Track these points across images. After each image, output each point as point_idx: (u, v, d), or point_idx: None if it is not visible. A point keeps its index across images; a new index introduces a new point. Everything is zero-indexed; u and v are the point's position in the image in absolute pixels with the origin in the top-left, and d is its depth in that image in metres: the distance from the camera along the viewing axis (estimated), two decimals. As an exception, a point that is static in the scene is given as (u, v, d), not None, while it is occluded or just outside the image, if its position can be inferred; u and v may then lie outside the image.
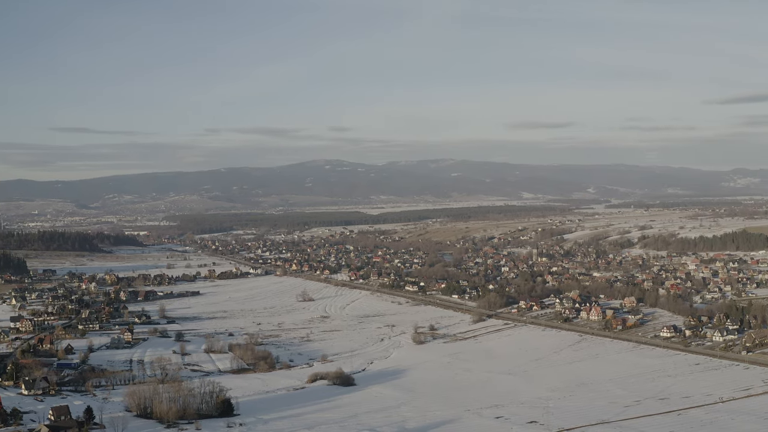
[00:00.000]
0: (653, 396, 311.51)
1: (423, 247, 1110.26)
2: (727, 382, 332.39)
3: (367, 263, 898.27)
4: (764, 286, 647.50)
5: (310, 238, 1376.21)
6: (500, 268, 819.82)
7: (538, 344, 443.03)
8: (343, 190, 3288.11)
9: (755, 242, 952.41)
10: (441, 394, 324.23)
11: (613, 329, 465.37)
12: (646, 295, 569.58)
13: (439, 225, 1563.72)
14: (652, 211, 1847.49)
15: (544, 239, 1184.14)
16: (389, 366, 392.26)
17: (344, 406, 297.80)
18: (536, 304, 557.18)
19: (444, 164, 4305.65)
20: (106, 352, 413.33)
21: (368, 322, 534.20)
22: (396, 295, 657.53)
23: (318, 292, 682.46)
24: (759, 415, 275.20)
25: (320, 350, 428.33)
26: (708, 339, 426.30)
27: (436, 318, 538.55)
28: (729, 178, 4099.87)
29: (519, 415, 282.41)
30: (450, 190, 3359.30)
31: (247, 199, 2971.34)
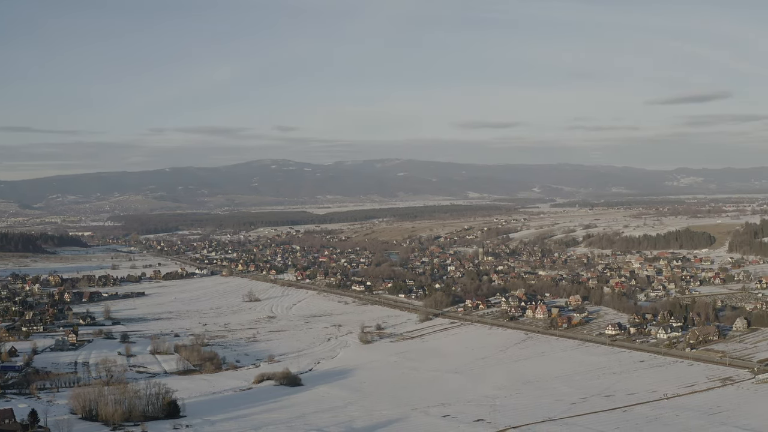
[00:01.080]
0: (599, 393, 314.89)
1: (369, 246, 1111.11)
2: (671, 379, 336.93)
3: (313, 263, 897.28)
4: (707, 283, 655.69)
5: (256, 238, 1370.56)
6: (446, 267, 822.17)
7: (484, 343, 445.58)
8: (289, 189, 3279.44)
9: (698, 240, 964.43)
10: (388, 393, 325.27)
11: (558, 327, 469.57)
12: (591, 294, 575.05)
13: (386, 224, 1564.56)
14: (597, 210, 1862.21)
15: (489, 238, 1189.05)
16: (336, 366, 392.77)
17: (291, 407, 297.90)
18: (482, 302, 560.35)
19: (390, 164, 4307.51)
20: (50, 354, 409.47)
21: (315, 322, 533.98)
22: (343, 295, 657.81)
23: (264, 293, 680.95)
24: (703, 411, 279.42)
25: (267, 350, 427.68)
26: (652, 336, 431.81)
27: (383, 317, 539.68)
28: (672, 177, 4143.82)
29: (466, 414, 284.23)
30: (396, 190, 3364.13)
31: (192, 199, 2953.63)
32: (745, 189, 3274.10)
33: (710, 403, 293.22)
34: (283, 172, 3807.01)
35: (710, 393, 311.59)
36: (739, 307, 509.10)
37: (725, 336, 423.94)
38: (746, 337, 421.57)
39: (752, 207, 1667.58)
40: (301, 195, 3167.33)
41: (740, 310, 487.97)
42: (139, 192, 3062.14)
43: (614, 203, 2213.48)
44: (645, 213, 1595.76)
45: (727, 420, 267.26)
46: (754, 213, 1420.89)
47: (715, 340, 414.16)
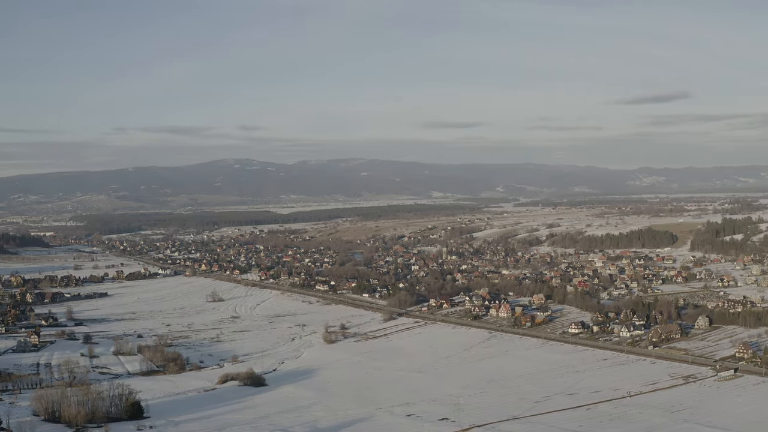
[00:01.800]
0: (562, 391, 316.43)
1: (333, 246, 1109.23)
2: (634, 377, 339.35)
3: (277, 263, 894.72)
4: (670, 282, 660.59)
5: (219, 237, 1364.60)
6: (410, 266, 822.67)
7: (448, 342, 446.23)
8: (252, 189, 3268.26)
9: (660, 239, 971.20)
10: (352, 393, 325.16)
11: (522, 326, 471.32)
12: (555, 292, 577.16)
13: (350, 224, 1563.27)
14: (560, 209, 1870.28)
15: (453, 237, 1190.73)
16: (300, 366, 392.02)
17: (255, 407, 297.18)
18: (446, 302, 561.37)
19: (354, 163, 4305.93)
20: (12, 356, 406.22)
21: (279, 322, 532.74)
22: (307, 295, 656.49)
23: (228, 293, 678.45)
24: (666, 409, 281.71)
25: (231, 351, 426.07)
26: (615, 334, 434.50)
27: (347, 317, 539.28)
28: (634, 176, 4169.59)
29: (430, 413, 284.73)
30: (360, 189, 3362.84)
31: (155, 198, 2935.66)
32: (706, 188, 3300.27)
33: (673, 400, 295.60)
34: (247, 171, 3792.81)
35: (673, 390, 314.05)
36: (701, 306, 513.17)
37: (687, 334, 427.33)
38: (708, 335, 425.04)
39: (714, 206, 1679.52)
40: (264, 195, 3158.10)
41: (702, 309, 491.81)
42: (101, 192, 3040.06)
43: (577, 203, 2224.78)
44: (608, 212, 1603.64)
45: (690, 417, 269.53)
46: (716, 212, 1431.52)
47: (677, 338, 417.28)
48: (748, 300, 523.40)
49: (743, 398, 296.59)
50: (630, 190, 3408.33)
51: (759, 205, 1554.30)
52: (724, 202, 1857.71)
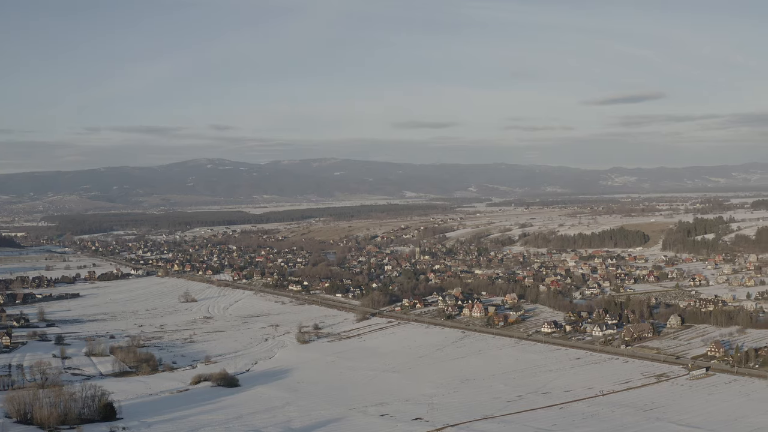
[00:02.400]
0: (535, 390, 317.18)
1: (306, 246, 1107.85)
2: (607, 376, 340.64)
3: (250, 263, 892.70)
4: (642, 281, 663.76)
5: (192, 238, 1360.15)
6: (383, 266, 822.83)
7: (421, 341, 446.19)
8: (225, 189, 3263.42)
9: (632, 239, 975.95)
10: (326, 393, 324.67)
11: (495, 325, 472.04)
12: (527, 292, 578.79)
13: (323, 224, 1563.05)
14: (533, 209, 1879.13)
15: (426, 237, 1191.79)
16: (274, 366, 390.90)
17: (229, 408, 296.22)
18: (419, 301, 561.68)
19: (327, 163, 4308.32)
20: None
21: (252, 323, 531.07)
22: (280, 295, 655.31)
23: (201, 293, 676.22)
24: (639, 407, 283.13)
25: (204, 351, 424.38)
26: (588, 334, 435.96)
27: (320, 317, 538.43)
28: (606, 176, 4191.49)
29: (404, 412, 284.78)
30: (333, 190, 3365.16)
31: (127, 198, 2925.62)
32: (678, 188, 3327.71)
33: (645, 399, 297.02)
34: (219, 171, 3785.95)
35: (645, 389, 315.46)
36: (673, 305, 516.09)
37: (660, 333, 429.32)
38: (680, 334, 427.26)
39: (685, 206, 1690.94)
40: (237, 195, 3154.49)
41: (674, 308, 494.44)
42: (73, 192, 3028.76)
43: (549, 202, 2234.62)
44: (580, 212, 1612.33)
45: (663, 416, 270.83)
46: (687, 212, 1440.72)
47: (649, 337, 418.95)
48: (720, 299, 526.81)
49: (715, 396, 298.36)
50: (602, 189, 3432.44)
51: (730, 205, 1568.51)
52: (695, 201, 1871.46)
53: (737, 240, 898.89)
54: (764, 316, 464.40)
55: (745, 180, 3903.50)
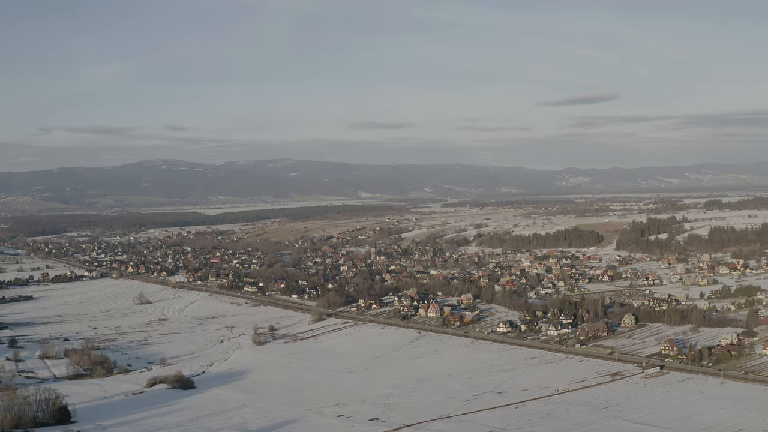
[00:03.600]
0: (491, 390, 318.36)
1: (262, 247, 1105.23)
2: (562, 375, 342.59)
3: (205, 264, 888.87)
4: (596, 281, 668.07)
5: (146, 239, 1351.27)
6: (339, 267, 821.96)
7: (377, 342, 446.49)
8: (180, 190, 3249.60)
9: (587, 239, 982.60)
10: (282, 394, 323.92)
11: (451, 326, 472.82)
12: (483, 292, 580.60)
13: (278, 225, 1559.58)
14: (488, 209, 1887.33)
15: (382, 238, 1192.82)
16: (230, 368, 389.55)
17: (184, 410, 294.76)
18: (375, 302, 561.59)
19: (282, 164, 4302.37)
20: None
21: (207, 324, 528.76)
22: (235, 296, 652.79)
23: (155, 295, 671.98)
24: (594, 406, 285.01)
25: (159, 353, 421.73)
26: (543, 333, 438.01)
27: (276, 318, 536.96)
28: (561, 177, 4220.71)
29: (361, 413, 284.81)
30: (289, 190, 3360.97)
31: (81, 200, 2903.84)
32: (632, 189, 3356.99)
33: (600, 397, 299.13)
34: (174, 172, 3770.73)
35: (600, 388, 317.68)
36: (627, 304, 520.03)
37: (614, 332, 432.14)
38: (634, 333, 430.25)
39: (639, 206, 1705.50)
40: (192, 196, 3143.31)
41: (628, 307, 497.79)
42: (26, 193, 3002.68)
43: (504, 203, 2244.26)
44: (535, 212, 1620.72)
45: (618, 414, 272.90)
46: (641, 212, 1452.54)
47: (604, 336, 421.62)
48: (673, 298, 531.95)
49: (669, 394, 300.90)
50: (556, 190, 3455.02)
51: (683, 205, 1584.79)
52: (649, 202, 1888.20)
53: (690, 240, 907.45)
54: (717, 314, 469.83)
55: (698, 180, 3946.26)
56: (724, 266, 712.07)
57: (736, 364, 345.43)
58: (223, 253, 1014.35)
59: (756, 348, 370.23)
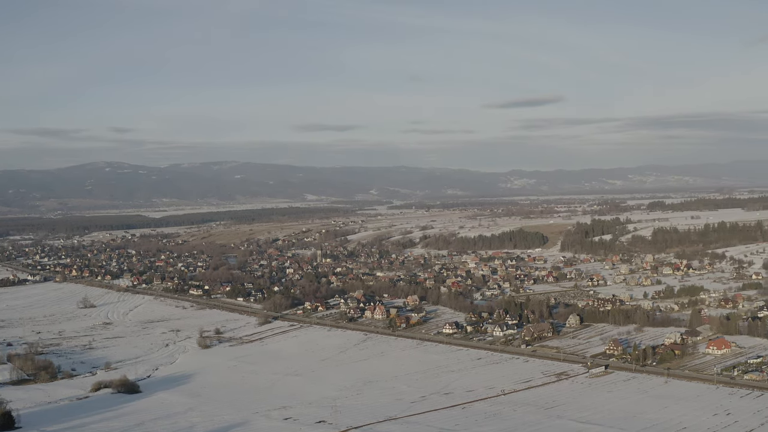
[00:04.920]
0: (438, 391, 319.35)
1: (207, 250, 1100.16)
2: (508, 375, 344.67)
3: (150, 267, 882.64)
4: (541, 282, 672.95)
5: (90, 242, 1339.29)
6: (285, 269, 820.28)
7: (324, 344, 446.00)
8: (124, 193, 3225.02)
9: (531, 240, 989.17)
10: (228, 397, 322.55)
11: (397, 327, 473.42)
12: (429, 294, 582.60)
13: (223, 227, 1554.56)
14: (433, 211, 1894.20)
15: (328, 240, 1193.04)
16: (175, 371, 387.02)
17: (130, 414, 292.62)
18: (321, 304, 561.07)
19: (227, 166, 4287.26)
20: None
21: (152, 328, 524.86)
22: (180, 300, 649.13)
23: (100, 298, 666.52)
24: (540, 406, 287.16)
25: (104, 358, 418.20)
26: (489, 334, 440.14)
27: (222, 321, 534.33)
28: (506, 179, 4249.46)
29: (307, 416, 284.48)
30: (234, 193, 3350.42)
31: (23, 203, 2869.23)
32: (576, 190, 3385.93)
33: (546, 397, 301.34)
34: (118, 174, 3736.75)
35: (546, 388, 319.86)
36: (572, 304, 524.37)
37: (559, 332, 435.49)
38: (579, 333, 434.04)
39: (583, 208, 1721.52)
40: (136, 198, 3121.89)
41: (573, 307, 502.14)
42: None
43: (450, 205, 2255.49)
44: (480, 214, 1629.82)
45: (563, 413, 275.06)
46: (585, 213, 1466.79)
47: (549, 336, 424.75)
48: (617, 298, 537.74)
49: (614, 394, 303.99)
50: (501, 192, 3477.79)
51: (627, 207, 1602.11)
52: (593, 203, 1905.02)
53: (634, 240, 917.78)
54: (661, 314, 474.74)
55: (641, 182, 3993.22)
56: (667, 267, 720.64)
57: (680, 363, 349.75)
58: (168, 256, 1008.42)
59: (699, 347, 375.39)
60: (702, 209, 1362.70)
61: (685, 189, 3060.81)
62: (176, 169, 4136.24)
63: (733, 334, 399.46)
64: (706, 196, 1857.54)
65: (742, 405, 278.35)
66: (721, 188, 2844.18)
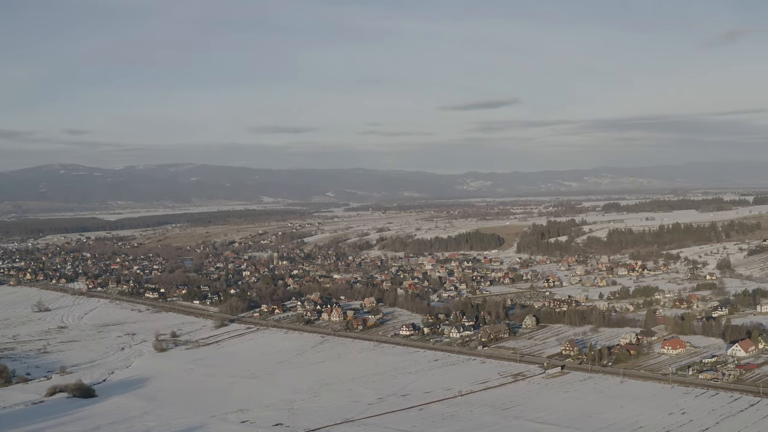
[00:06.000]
0: (395, 393, 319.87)
1: (163, 252, 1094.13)
2: (465, 376, 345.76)
3: (105, 271, 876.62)
4: (497, 283, 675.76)
5: (45, 245, 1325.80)
6: (242, 272, 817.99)
7: (281, 347, 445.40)
8: (79, 195, 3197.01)
9: (488, 242, 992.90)
10: (185, 401, 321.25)
11: (354, 329, 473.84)
12: (386, 295, 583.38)
13: (179, 230, 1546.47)
14: (390, 213, 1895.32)
15: (284, 243, 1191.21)
16: (131, 375, 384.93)
17: (85, 419, 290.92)
18: (278, 307, 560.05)
19: (183, 168, 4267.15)
20: None
21: (108, 332, 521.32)
22: (136, 303, 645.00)
23: (54, 302, 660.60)
24: (496, 407, 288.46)
25: (59, 362, 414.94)
26: (446, 335, 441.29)
27: (178, 324, 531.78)
28: (462, 181, 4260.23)
29: (264, 418, 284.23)
30: (190, 195, 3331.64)
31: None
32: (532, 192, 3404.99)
33: (503, 398, 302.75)
34: (73, 177, 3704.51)
35: (503, 389, 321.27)
36: (528, 305, 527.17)
37: (516, 333, 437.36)
38: (535, 334, 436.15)
39: (539, 209, 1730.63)
40: (91, 201, 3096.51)
41: (529, 308, 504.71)
42: None
43: (407, 207, 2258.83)
44: (436, 216, 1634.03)
45: (520, 414, 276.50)
46: (541, 215, 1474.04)
47: (506, 337, 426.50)
48: (573, 299, 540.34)
49: (570, 394, 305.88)
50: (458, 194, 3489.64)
51: (582, 208, 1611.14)
52: (549, 205, 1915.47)
53: (589, 242, 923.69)
54: (616, 315, 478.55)
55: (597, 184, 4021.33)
56: (622, 267, 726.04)
57: (636, 363, 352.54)
58: (124, 259, 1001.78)
59: (654, 347, 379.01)
60: (657, 211, 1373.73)
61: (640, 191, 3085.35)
62: (132, 171, 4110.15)
63: (688, 334, 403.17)
64: (660, 198, 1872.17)
65: (697, 404, 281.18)
66: (675, 190, 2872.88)
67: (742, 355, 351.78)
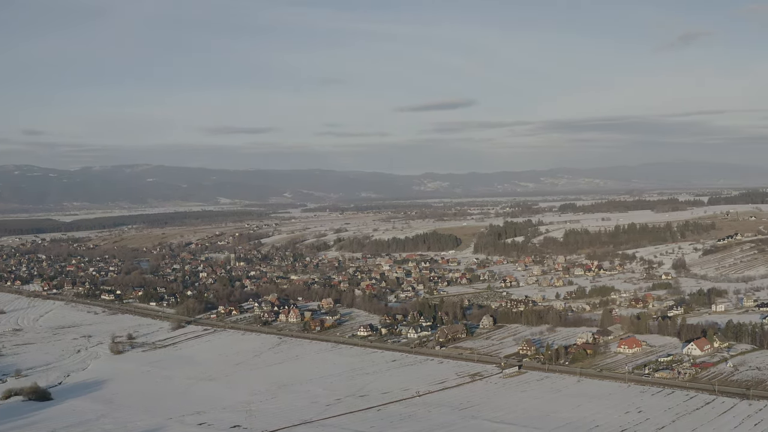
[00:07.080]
0: (353, 394, 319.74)
1: (119, 254, 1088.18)
2: (423, 377, 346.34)
3: (60, 272, 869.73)
4: (455, 284, 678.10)
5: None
6: (198, 273, 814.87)
7: (238, 348, 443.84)
8: (34, 196, 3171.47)
9: (445, 242, 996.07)
10: (142, 403, 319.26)
11: (312, 330, 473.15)
12: (343, 296, 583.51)
13: (135, 231, 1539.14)
14: (347, 214, 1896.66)
15: (241, 244, 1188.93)
16: (87, 378, 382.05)
17: (41, 422, 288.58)
18: (235, 308, 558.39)
19: (140, 169, 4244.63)
20: None
21: (64, 334, 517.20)
22: (92, 305, 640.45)
23: (9, 304, 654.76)
24: (454, 407, 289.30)
25: (14, 365, 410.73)
26: (403, 336, 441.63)
27: (135, 326, 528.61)
28: (419, 182, 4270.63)
29: (222, 420, 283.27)
30: (146, 196, 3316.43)
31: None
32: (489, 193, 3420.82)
33: (461, 398, 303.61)
34: (28, 178, 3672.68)
35: (461, 389, 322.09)
36: (486, 306, 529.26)
37: (473, 333, 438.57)
38: (493, 334, 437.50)
39: (496, 210, 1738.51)
40: (46, 202, 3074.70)
41: (486, 308, 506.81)
42: None
43: (364, 208, 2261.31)
44: (394, 217, 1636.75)
45: (478, 414, 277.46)
46: (498, 216, 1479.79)
47: (463, 337, 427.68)
48: (530, 299, 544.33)
49: (528, 393, 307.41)
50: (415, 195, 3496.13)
51: (539, 209, 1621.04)
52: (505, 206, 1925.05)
53: (546, 242, 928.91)
54: (573, 314, 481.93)
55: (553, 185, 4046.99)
56: (578, 267, 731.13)
57: (592, 362, 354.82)
58: (79, 261, 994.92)
59: (611, 346, 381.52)
60: (612, 211, 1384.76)
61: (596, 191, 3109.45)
62: (88, 172, 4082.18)
63: (644, 333, 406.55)
64: (616, 198, 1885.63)
65: (654, 402, 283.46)
66: (631, 190, 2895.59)
67: (698, 353, 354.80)
